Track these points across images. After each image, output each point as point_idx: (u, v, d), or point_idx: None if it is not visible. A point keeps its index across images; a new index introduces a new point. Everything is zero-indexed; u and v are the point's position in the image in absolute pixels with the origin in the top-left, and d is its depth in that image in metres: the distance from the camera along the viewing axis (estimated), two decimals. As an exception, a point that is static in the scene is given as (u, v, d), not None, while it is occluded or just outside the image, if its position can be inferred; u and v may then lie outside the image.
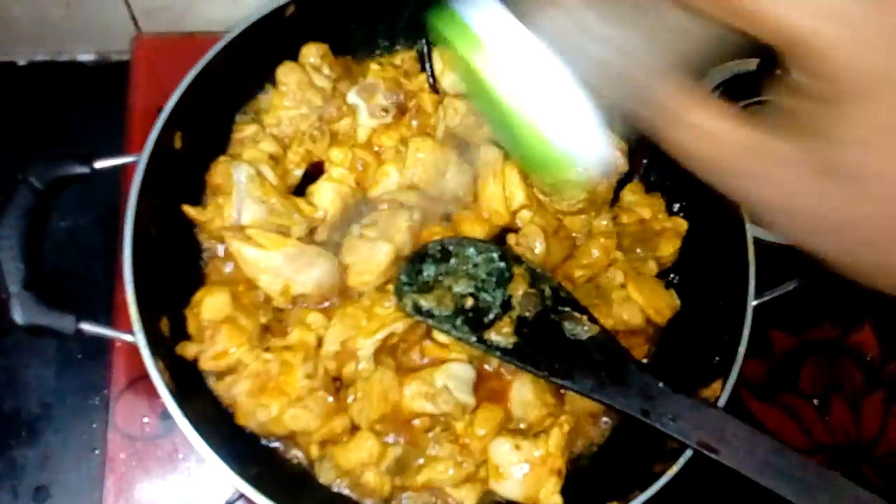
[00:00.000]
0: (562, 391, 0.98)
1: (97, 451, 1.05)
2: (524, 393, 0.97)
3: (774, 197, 0.43)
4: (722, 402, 0.89)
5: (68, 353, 1.11)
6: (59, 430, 1.07)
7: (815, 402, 1.18)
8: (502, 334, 0.93)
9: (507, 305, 0.95)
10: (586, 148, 0.54)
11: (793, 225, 0.44)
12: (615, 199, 1.09)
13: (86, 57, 1.28)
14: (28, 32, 1.22)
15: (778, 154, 0.42)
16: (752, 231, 0.96)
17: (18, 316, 0.84)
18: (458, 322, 0.94)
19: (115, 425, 1.04)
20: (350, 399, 0.94)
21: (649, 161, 1.12)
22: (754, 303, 0.94)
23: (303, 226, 0.97)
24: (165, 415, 1.01)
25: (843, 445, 1.15)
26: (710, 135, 0.44)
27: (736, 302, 0.94)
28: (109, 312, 1.09)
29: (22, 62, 1.27)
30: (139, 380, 1.06)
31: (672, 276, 1.08)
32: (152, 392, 0.84)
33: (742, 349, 0.92)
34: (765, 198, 0.44)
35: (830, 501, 0.78)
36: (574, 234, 1.06)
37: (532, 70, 0.51)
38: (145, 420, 1.05)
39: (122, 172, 1.03)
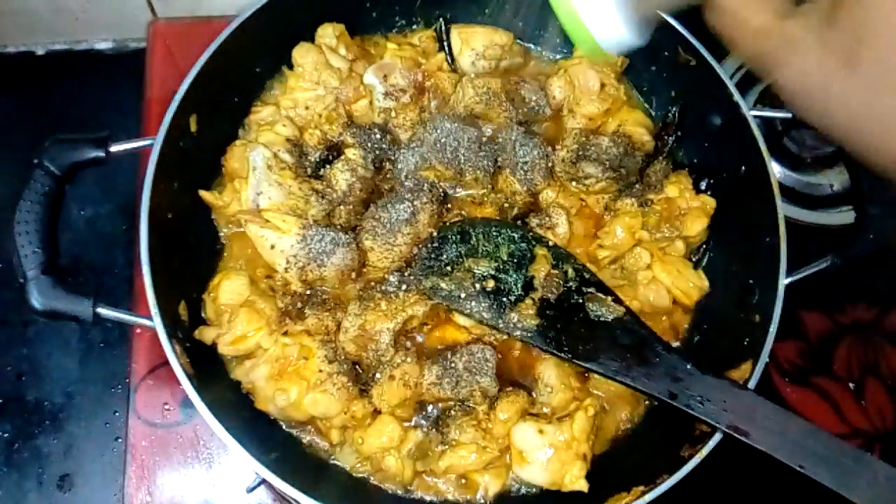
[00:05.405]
0: (586, 374, 0.96)
1: (119, 440, 1.05)
2: (548, 376, 0.95)
3: (795, 79, 0.49)
4: (752, 384, 0.87)
5: (90, 342, 1.11)
6: (82, 419, 1.07)
7: (851, 385, 1.14)
8: (525, 316, 0.91)
9: (529, 287, 0.94)
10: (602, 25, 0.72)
11: (811, 107, 0.49)
12: (641, 178, 1.06)
13: (103, 45, 1.28)
14: (46, 22, 1.22)
15: (799, 40, 0.47)
16: (783, 209, 0.94)
17: (36, 301, 0.84)
18: (480, 304, 0.92)
19: (136, 413, 1.04)
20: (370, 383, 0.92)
21: (676, 139, 1.09)
22: (786, 281, 0.91)
23: (320, 208, 0.96)
24: (186, 402, 1.01)
25: (881, 430, 1.12)
26: (743, 21, 0.51)
27: (767, 280, 0.91)
28: (129, 299, 1.09)
29: (40, 52, 1.27)
30: (160, 367, 1.06)
31: (700, 254, 1.06)
32: (173, 379, 0.83)
33: (773, 329, 0.89)
34: (787, 79, 0.50)
35: (867, 485, 0.75)
36: (598, 213, 1.04)
37: None
38: (167, 407, 1.05)
39: (141, 161, 1.02)
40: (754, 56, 0.50)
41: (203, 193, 0.98)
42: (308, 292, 0.96)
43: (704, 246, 1.05)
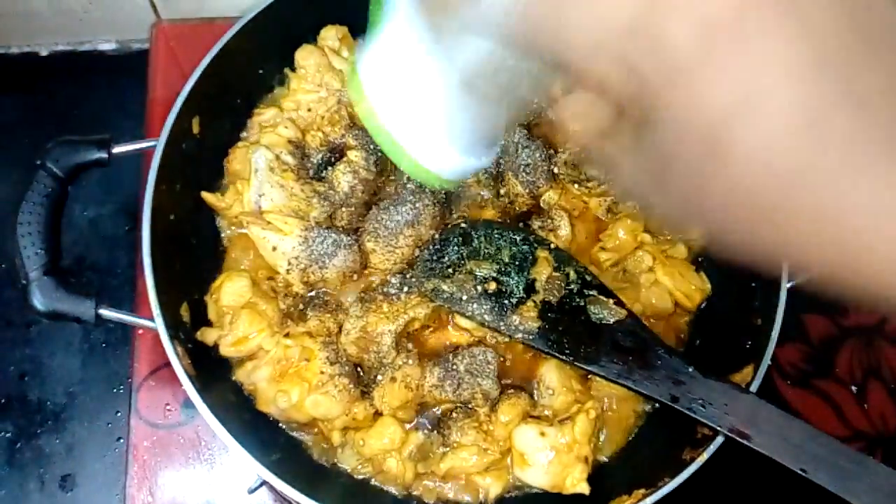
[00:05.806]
0: (588, 377, 0.96)
1: (121, 440, 1.05)
2: (549, 379, 0.95)
3: (623, 187, 0.51)
4: (754, 388, 0.86)
5: (92, 342, 1.12)
6: (84, 419, 1.08)
7: (853, 388, 1.14)
8: (526, 318, 0.91)
9: (530, 289, 0.93)
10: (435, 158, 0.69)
11: (644, 210, 0.55)
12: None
13: (106, 46, 1.28)
14: (49, 23, 1.22)
15: (617, 159, 0.49)
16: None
17: (38, 301, 0.84)
18: (481, 306, 0.92)
19: (138, 413, 1.05)
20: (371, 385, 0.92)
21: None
22: (788, 285, 0.90)
23: (322, 210, 0.96)
24: (188, 402, 1.01)
25: (883, 433, 1.12)
26: (570, 137, 0.58)
27: (769, 283, 0.91)
28: (131, 300, 1.09)
29: (44, 52, 1.27)
30: (161, 368, 1.06)
31: (702, 258, 1.05)
32: (174, 380, 0.83)
33: (775, 332, 0.89)
34: (616, 187, 0.59)
35: (868, 488, 0.75)
36: (600, 216, 1.04)
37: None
38: (168, 408, 1.05)
39: (144, 162, 1.02)
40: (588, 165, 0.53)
41: (205, 195, 0.98)
42: (310, 294, 0.96)
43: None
